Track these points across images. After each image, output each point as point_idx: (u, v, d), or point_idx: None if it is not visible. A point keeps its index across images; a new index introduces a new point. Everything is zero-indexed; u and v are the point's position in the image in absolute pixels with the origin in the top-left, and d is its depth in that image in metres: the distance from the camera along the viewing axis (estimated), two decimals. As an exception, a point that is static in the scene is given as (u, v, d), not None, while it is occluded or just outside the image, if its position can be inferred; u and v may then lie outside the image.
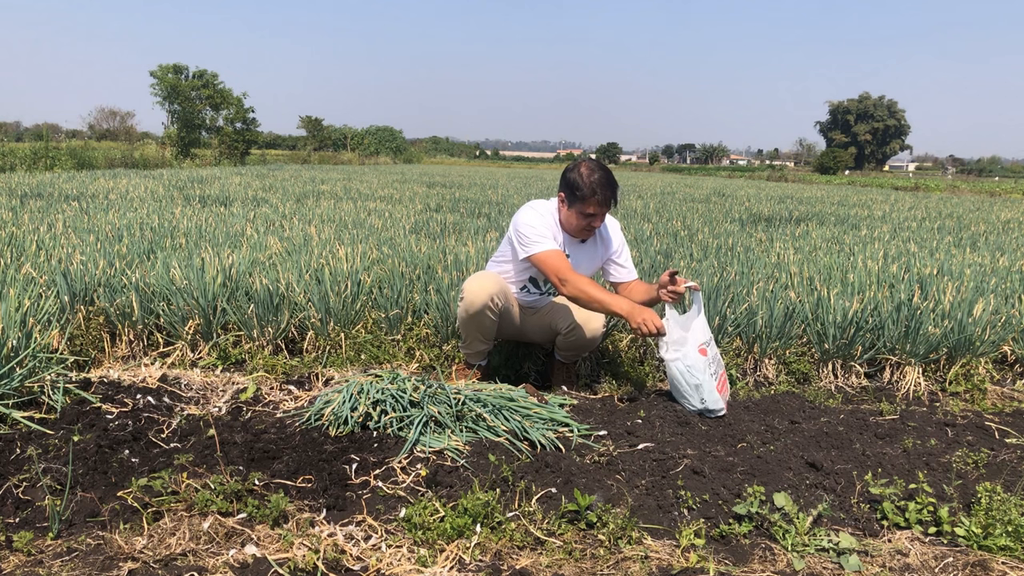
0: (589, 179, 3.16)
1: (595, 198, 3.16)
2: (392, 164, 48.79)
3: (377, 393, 2.86)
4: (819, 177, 49.45)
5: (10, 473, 2.30)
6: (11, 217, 6.80)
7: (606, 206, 3.22)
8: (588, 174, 3.18)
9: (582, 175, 3.18)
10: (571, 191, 3.20)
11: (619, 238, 3.50)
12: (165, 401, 3.02)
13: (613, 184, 3.20)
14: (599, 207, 3.19)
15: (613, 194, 3.20)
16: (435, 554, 2.01)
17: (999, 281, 5.05)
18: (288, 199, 10.83)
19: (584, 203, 3.18)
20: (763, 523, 2.17)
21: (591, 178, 3.16)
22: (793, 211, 12.06)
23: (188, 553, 1.96)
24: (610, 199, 3.20)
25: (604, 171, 3.22)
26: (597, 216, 3.23)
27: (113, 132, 54.77)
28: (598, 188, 3.14)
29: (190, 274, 3.97)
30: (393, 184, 16.64)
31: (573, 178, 3.20)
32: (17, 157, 21.09)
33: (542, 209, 3.34)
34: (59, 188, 10.91)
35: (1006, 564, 2.00)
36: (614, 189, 3.20)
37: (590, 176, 3.17)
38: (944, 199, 20.96)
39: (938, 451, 2.76)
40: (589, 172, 3.18)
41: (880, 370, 3.93)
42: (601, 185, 3.15)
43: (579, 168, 3.23)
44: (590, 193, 3.15)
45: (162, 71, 37.67)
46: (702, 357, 3.08)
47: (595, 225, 3.27)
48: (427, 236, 6.70)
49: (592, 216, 3.22)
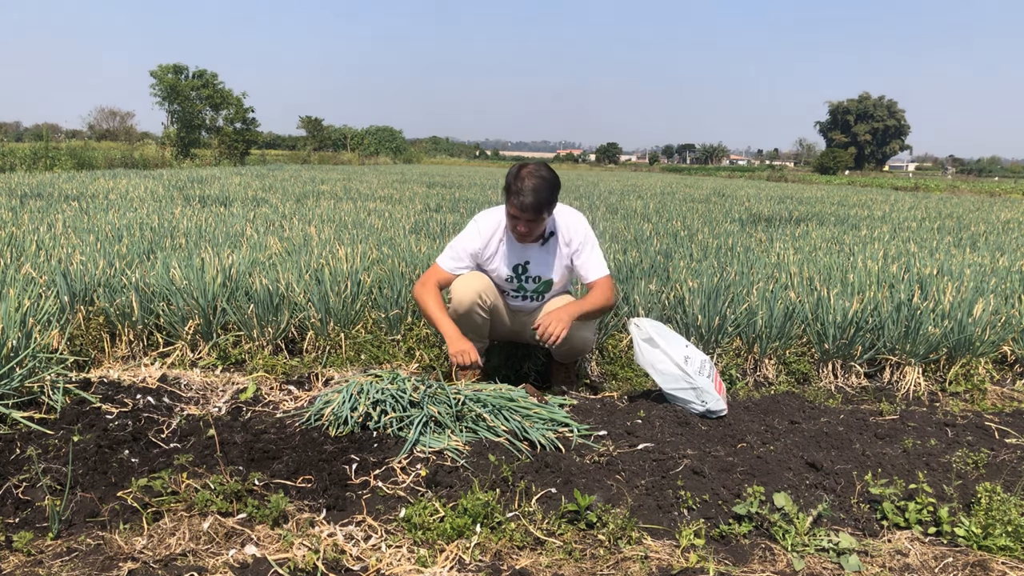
0: (517, 181, 3.08)
1: (515, 200, 3.08)
2: (392, 164, 48.79)
3: (377, 393, 2.86)
4: (819, 177, 49.47)
5: (10, 473, 2.30)
6: (11, 217, 6.80)
7: (525, 211, 3.08)
8: (523, 176, 3.09)
9: (517, 175, 3.10)
10: (505, 188, 3.15)
11: (580, 236, 3.33)
12: (165, 401, 3.02)
13: (540, 192, 3.05)
14: (518, 210, 3.09)
15: (535, 201, 3.05)
16: (435, 554, 2.01)
17: (999, 281, 5.05)
18: (288, 199, 10.83)
19: (508, 202, 3.13)
20: (763, 523, 2.17)
21: (520, 181, 3.07)
22: (793, 211, 12.06)
23: (188, 553, 1.96)
24: (529, 206, 3.05)
25: (539, 179, 3.08)
26: (520, 220, 3.13)
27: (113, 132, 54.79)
28: (522, 191, 3.05)
29: (190, 274, 3.97)
30: (393, 184, 16.64)
31: (509, 175, 3.14)
32: (17, 157, 21.09)
33: (490, 220, 3.34)
34: (59, 188, 10.91)
35: (1006, 564, 2.00)
36: (539, 197, 3.05)
37: (521, 179, 3.08)
38: (944, 199, 20.97)
39: (938, 451, 2.76)
40: (525, 175, 3.09)
41: (880, 370, 3.93)
42: (527, 190, 3.04)
43: (520, 168, 3.14)
44: (514, 193, 3.08)
45: (162, 71, 37.66)
46: (689, 366, 3.11)
47: (520, 229, 3.16)
48: (427, 236, 6.69)
49: (515, 218, 3.14)
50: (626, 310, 4.20)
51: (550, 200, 3.11)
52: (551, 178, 3.12)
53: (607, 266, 3.38)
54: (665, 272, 5.00)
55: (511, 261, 3.35)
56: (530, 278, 3.38)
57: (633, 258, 5.57)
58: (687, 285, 4.25)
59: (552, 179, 3.13)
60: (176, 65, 38.42)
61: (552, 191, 3.11)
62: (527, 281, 3.39)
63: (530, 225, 3.15)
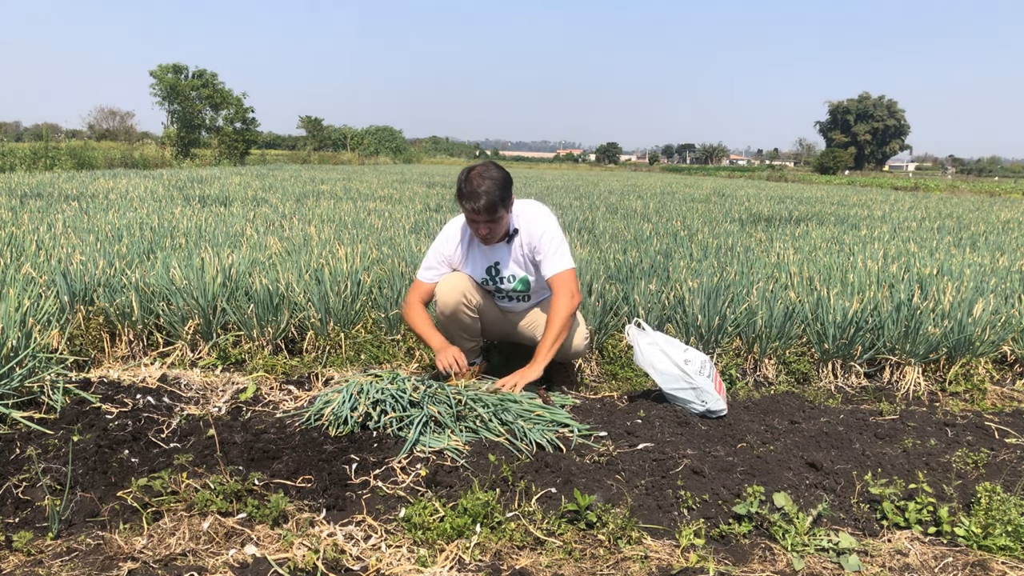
0: (467, 183, 3.03)
1: (466, 204, 3.04)
2: (392, 164, 48.79)
3: (377, 393, 2.86)
4: (819, 177, 49.45)
5: (10, 473, 2.30)
6: (11, 217, 6.80)
7: (479, 213, 3.03)
8: (471, 178, 3.04)
9: (466, 178, 3.05)
10: (456, 193, 3.11)
11: (538, 230, 3.21)
12: (165, 401, 3.02)
13: (491, 192, 2.99)
14: (472, 213, 3.05)
15: (488, 202, 2.99)
16: (435, 554, 2.01)
17: (999, 281, 5.05)
18: (288, 199, 10.83)
19: (461, 207, 3.10)
20: (763, 523, 2.17)
21: (469, 183, 3.03)
22: (793, 211, 12.06)
23: (188, 553, 1.96)
24: (482, 208, 3.00)
25: (487, 180, 3.02)
26: (478, 223, 3.09)
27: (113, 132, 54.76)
28: (471, 193, 3.00)
29: (190, 274, 3.97)
30: (393, 184, 16.64)
31: (459, 180, 3.09)
32: (17, 157, 21.10)
33: (455, 226, 3.33)
34: (59, 188, 10.91)
35: (1006, 564, 2.00)
36: (490, 198, 2.99)
37: (469, 181, 3.03)
38: (944, 199, 20.96)
39: (938, 451, 2.76)
40: (473, 176, 3.04)
41: (880, 370, 3.93)
42: (476, 191, 2.99)
43: (468, 172, 3.08)
44: (464, 196, 3.04)
45: (162, 71, 37.66)
46: (689, 367, 3.11)
47: (482, 232, 3.13)
48: (427, 236, 6.69)
49: (473, 222, 3.11)
50: (626, 310, 4.20)
51: (503, 198, 3.06)
52: (500, 176, 3.08)
53: (570, 259, 3.25)
54: (665, 272, 5.00)
55: (482, 264, 3.34)
56: (503, 278, 3.35)
57: (633, 258, 5.57)
58: (687, 285, 4.25)
59: (501, 177, 3.08)
60: (176, 65, 38.41)
61: (503, 189, 3.06)
62: (502, 282, 3.37)
63: (489, 226, 3.12)
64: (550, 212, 3.32)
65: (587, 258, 5.28)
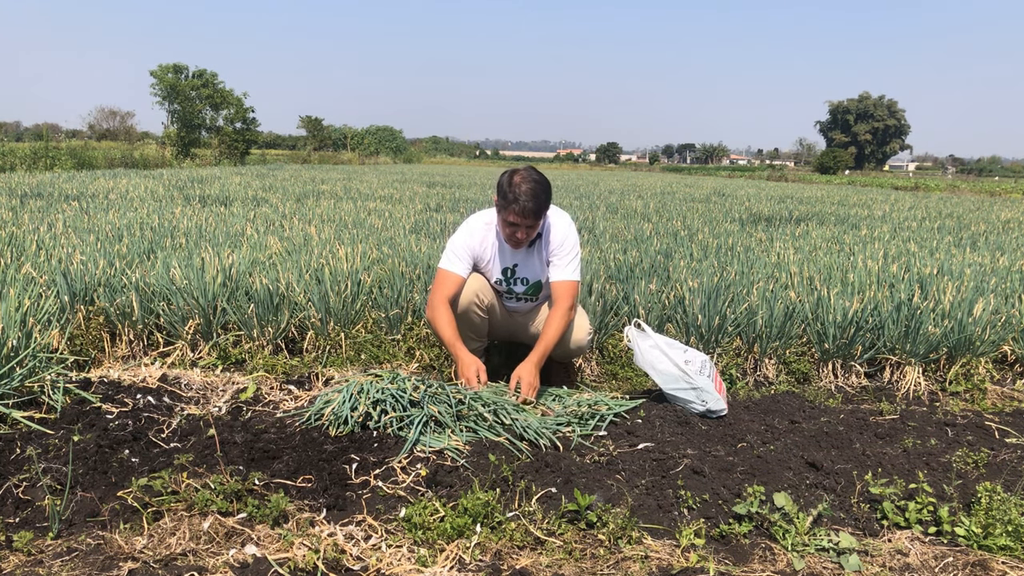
0: (513, 187, 3.04)
1: (514, 207, 3.04)
2: (392, 164, 48.80)
3: (377, 393, 2.86)
4: (819, 177, 49.44)
5: (10, 473, 2.30)
6: (11, 217, 6.80)
7: (526, 217, 3.06)
8: (517, 183, 3.05)
9: (510, 182, 3.06)
10: (499, 197, 3.11)
11: (559, 237, 3.27)
12: (165, 401, 3.02)
13: (539, 196, 3.05)
14: (519, 217, 3.06)
15: (536, 206, 3.04)
16: (435, 554, 2.01)
17: (999, 281, 5.05)
18: (288, 199, 10.83)
19: (506, 211, 3.09)
20: (763, 523, 2.17)
21: (516, 188, 3.04)
22: (793, 211, 12.06)
23: (188, 553, 1.96)
24: (530, 211, 3.04)
25: (534, 183, 3.06)
26: (520, 227, 3.11)
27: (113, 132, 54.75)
28: (520, 196, 3.02)
29: (190, 274, 3.97)
30: (393, 184, 16.64)
31: (502, 183, 3.10)
32: (17, 157, 21.11)
33: (480, 223, 3.32)
34: (59, 188, 10.91)
35: (1006, 564, 2.00)
36: (538, 202, 3.05)
37: (516, 185, 3.04)
38: (944, 199, 20.96)
39: (938, 451, 2.76)
40: (519, 180, 3.06)
41: (880, 370, 3.93)
42: (525, 195, 3.02)
43: (512, 175, 3.10)
44: (512, 200, 3.04)
45: (162, 71, 37.68)
46: (689, 367, 3.11)
47: (519, 236, 3.15)
48: (427, 236, 6.70)
49: (514, 226, 3.12)
50: (626, 310, 4.20)
51: (547, 202, 3.12)
52: (544, 181, 3.12)
53: (579, 273, 3.30)
54: (665, 272, 5.00)
55: (502, 263, 3.35)
56: (518, 280, 3.37)
57: (633, 258, 5.57)
58: (687, 285, 4.25)
59: (545, 182, 3.13)
60: (176, 65, 38.43)
61: (548, 193, 3.11)
62: (515, 283, 3.38)
63: (528, 231, 3.15)
64: (571, 221, 3.37)
65: (587, 258, 5.29)
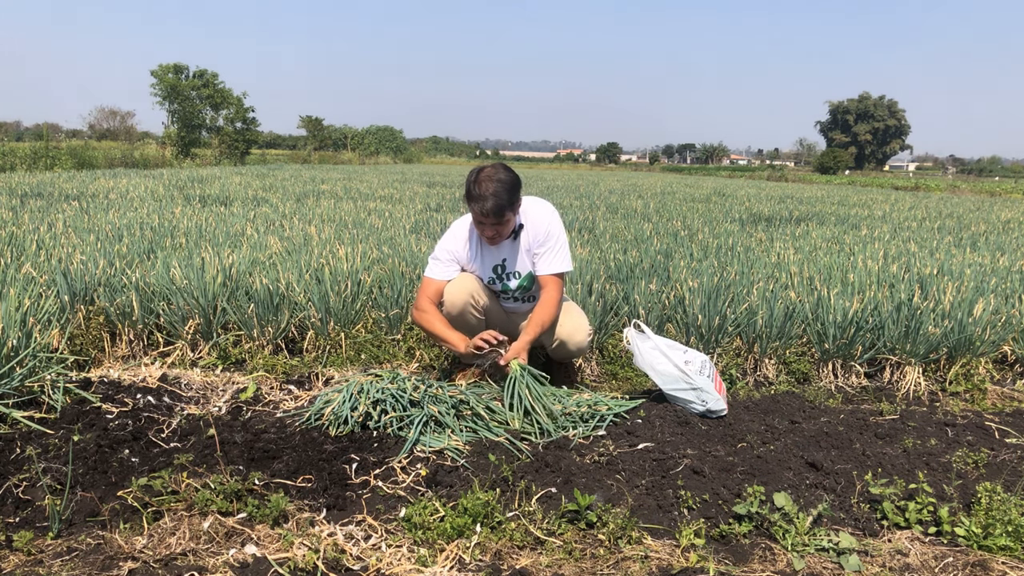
0: (475, 186, 3.01)
1: (474, 207, 3.02)
2: (392, 164, 48.81)
3: (377, 393, 2.86)
4: (819, 177, 49.43)
5: (10, 473, 2.30)
6: (11, 217, 6.80)
7: (488, 216, 3.01)
8: (480, 181, 3.02)
9: (475, 180, 3.03)
10: (465, 195, 3.09)
11: (542, 229, 3.22)
12: (165, 401, 3.02)
13: (500, 196, 2.98)
14: (481, 216, 3.03)
15: (496, 206, 2.98)
16: (435, 554, 2.01)
17: (999, 281, 5.04)
18: (288, 199, 10.83)
19: (471, 210, 3.09)
20: (763, 523, 2.17)
21: (478, 186, 3.00)
22: (793, 211, 12.06)
23: (188, 553, 1.96)
24: (490, 211, 2.99)
25: (497, 183, 3.00)
26: (485, 225, 3.08)
27: (113, 132, 54.70)
28: (480, 196, 2.99)
29: (190, 274, 3.97)
30: (393, 184, 16.64)
31: (468, 182, 3.07)
32: (17, 157, 21.11)
33: (463, 225, 3.33)
34: (59, 188, 10.91)
35: (1006, 564, 2.00)
36: (499, 201, 2.98)
37: (478, 184, 3.01)
38: (944, 199, 20.96)
39: (938, 451, 2.76)
40: (482, 179, 3.02)
41: (880, 370, 3.93)
42: (486, 195, 2.98)
43: (478, 173, 3.06)
44: (474, 199, 3.02)
45: (162, 71, 37.69)
46: (688, 367, 3.11)
47: (488, 234, 3.13)
48: (427, 236, 6.69)
49: (481, 224, 3.10)
50: (626, 310, 4.20)
51: (511, 201, 3.06)
52: (509, 179, 3.07)
53: (569, 262, 3.28)
54: (665, 272, 5.00)
55: (489, 263, 3.34)
56: (509, 275, 3.36)
57: (633, 258, 5.57)
58: (687, 285, 4.25)
59: (510, 180, 3.08)
60: (176, 65, 38.44)
61: (511, 192, 3.05)
62: (508, 279, 3.37)
63: (496, 228, 3.12)
64: (555, 210, 3.33)
65: (587, 258, 5.29)
